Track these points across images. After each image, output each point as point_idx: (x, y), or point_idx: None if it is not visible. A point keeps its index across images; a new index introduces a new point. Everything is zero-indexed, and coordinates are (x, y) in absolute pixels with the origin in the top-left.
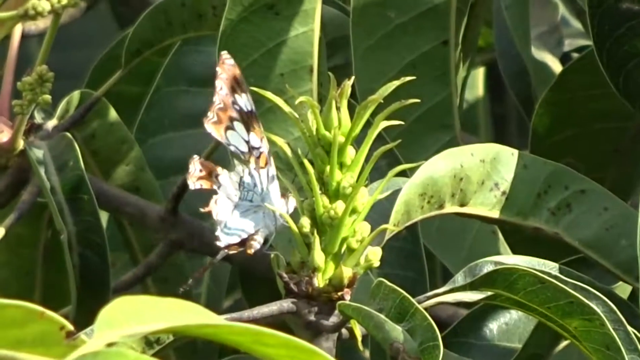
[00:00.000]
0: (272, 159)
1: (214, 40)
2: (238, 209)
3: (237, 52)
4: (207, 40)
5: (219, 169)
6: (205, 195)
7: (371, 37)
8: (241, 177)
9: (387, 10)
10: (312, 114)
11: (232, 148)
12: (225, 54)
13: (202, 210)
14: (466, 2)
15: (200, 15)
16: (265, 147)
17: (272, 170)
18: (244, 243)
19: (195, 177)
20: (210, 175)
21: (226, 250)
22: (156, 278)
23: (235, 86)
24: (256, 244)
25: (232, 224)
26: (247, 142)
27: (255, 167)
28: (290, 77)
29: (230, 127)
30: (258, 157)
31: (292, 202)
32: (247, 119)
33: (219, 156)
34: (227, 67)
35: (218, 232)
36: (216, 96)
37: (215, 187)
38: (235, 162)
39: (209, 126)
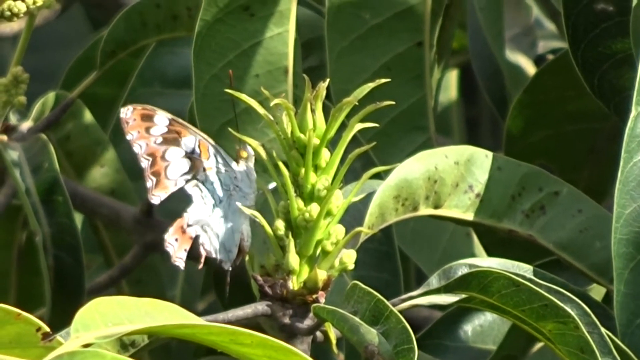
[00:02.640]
0: (207, 139)
1: (188, 42)
2: (221, 222)
3: (212, 53)
4: (182, 42)
5: (185, 217)
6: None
7: (346, 39)
8: (202, 196)
9: (361, 12)
10: (287, 116)
11: (181, 182)
12: (122, 113)
13: (200, 262)
14: (440, 3)
15: (175, 17)
16: (199, 135)
17: (214, 146)
18: (240, 250)
19: (177, 256)
20: (185, 232)
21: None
22: (130, 280)
23: (148, 122)
24: (247, 243)
25: (225, 241)
26: (186, 153)
27: (207, 169)
28: (266, 78)
29: (168, 165)
30: (200, 154)
31: (250, 154)
32: (171, 132)
33: None
34: (130, 121)
35: (222, 259)
36: (142, 160)
37: (193, 234)
38: (190, 188)
39: (155, 197)
